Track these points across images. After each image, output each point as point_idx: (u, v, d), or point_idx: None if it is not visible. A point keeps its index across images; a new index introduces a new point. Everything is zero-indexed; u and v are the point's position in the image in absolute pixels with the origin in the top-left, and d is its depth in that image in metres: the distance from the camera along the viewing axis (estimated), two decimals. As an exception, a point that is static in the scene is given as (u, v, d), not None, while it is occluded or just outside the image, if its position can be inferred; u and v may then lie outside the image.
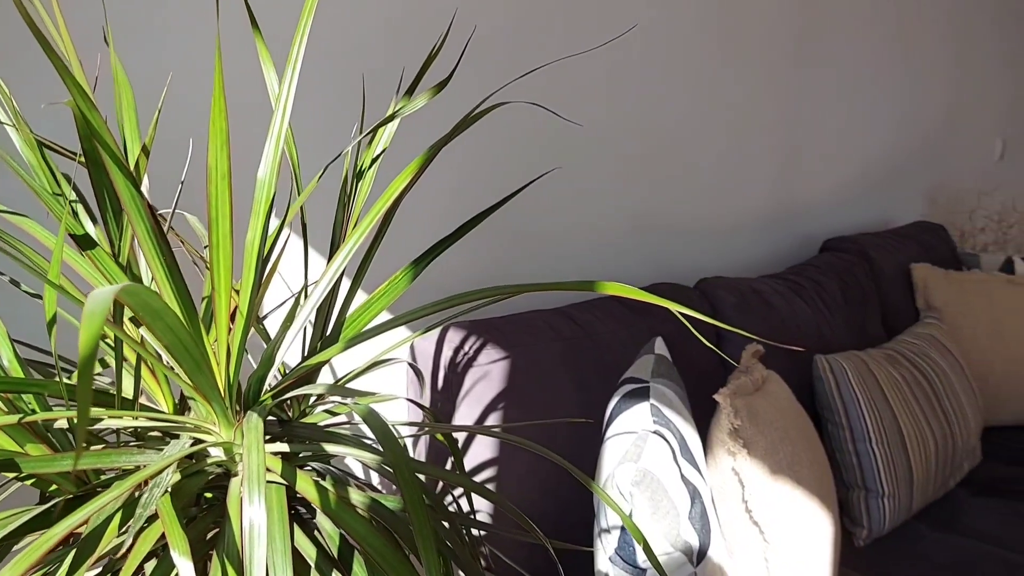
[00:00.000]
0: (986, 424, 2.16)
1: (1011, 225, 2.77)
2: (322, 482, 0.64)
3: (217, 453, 0.68)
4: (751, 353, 1.53)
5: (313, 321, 0.77)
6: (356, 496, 0.64)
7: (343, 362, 1.33)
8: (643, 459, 1.07)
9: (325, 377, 1.27)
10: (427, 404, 1.27)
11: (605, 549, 1.08)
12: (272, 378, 0.69)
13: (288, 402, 0.78)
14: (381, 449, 0.66)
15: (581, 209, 1.78)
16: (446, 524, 0.70)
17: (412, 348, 1.32)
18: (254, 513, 0.52)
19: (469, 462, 1.28)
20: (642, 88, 1.86)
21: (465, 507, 1.22)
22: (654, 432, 1.12)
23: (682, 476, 1.09)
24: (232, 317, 0.68)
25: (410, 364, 1.09)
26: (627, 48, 1.80)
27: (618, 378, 1.43)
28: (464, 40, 1.45)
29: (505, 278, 1.60)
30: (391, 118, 0.71)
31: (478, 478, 1.28)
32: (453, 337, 1.29)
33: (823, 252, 2.26)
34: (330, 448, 0.66)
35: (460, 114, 1.46)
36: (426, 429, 1.15)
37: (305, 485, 0.59)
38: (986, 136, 3.34)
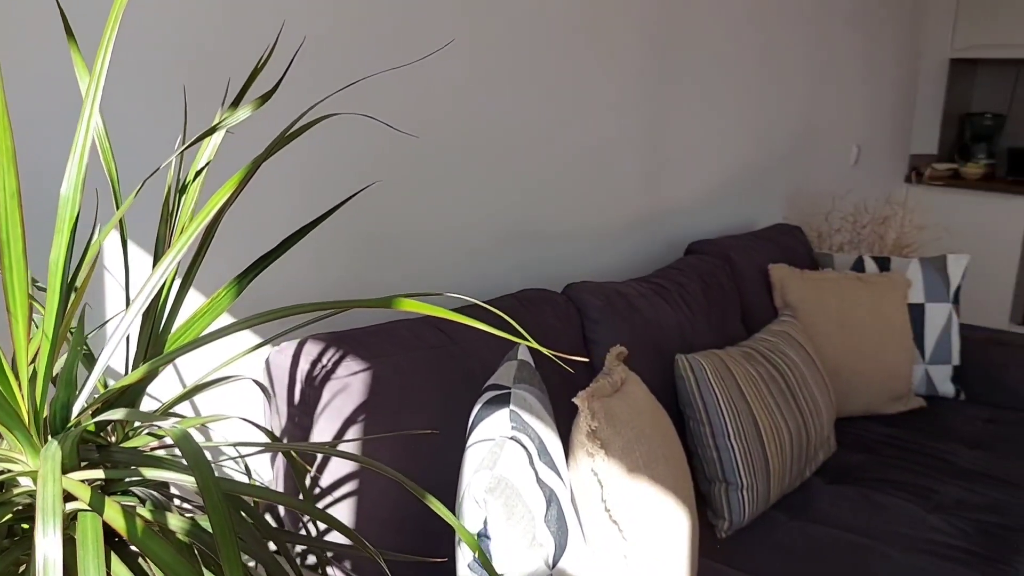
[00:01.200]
0: (840, 415, 2.28)
1: (864, 226, 2.94)
2: (139, 508, 0.62)
3: (27, 483, 0.65)
4: (615, 355, 1.57)
5: (138, 338, 0.75)
6: (174, 522, 0.62)
7: (195, 379, 1.29)
8: (498, 466, 1.08)
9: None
10: (283, 420, 1.25)
11: (464, 557, 1.09)
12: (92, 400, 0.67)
13: (113, 426, 0.75)
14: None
15: (447, 218, 1.79)
16: (272, 545, 0.68)
17: (268, 363, 1.29)
18: (48, 547, 0.50)
19: (331, 475, 1.26)
20: (507, 96, 1.89)
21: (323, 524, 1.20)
22: (511, 438, 1.13)
23: (538, 480, 1.11)
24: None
25: (255, 381, 1.07)
26: (490, 54, 1.82)
27: (483, 385, 1.44)
28: (295, 50, 1.43)
29: (367, 290, 1.59)
30: (212, 130, 0.69)
31: (341, 491, 1.27)
32: (311, 350, 1.27)
33: (688, 255, 2.34)
34: (149, 473, 0.64)
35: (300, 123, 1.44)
36: (260, 448, 1.12)
37: (113, 513, 0.57)
38: (843, 142, 3.54)
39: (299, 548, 1.16)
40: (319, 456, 1.23)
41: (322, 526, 1.23)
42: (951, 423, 2.26)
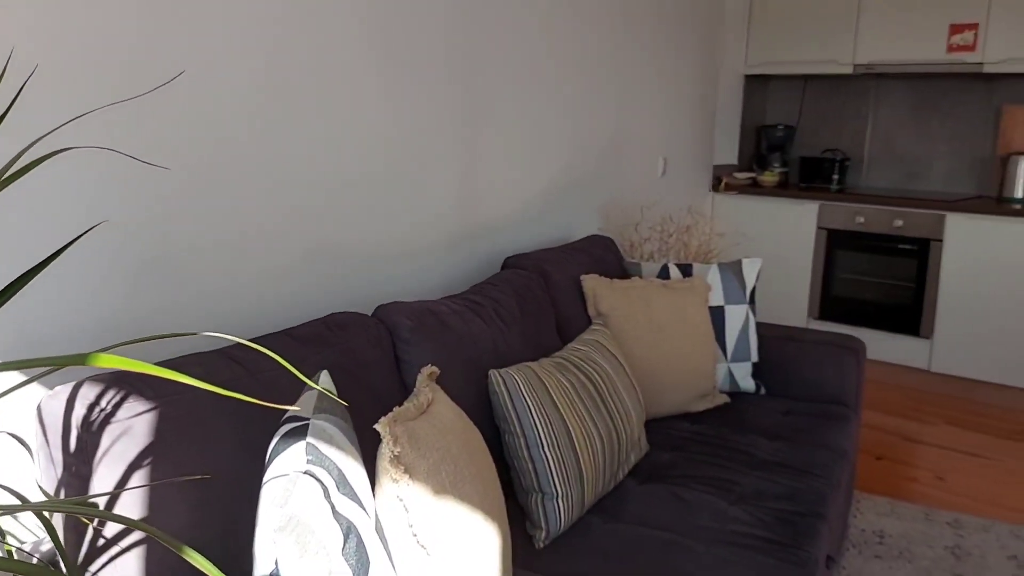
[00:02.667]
0: (651, 416, 2.38)
1: (670, 235, 3.10)
2: None
3: None
4: (426, 375, 1.57)
5: None
6: None
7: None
8: (290, 503, 1.04)
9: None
10: (58, 471, 1.15)
11: (259, 600, 1.04)
12: None
13: None
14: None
15: (248, 245, 1.73)
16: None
17: (39, 410, 1.19)
18: None
19: (115, 525, 1.18)
20: (306, 119, 1.85)
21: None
22: (305, 472, 1.10)
23: (335, 513, 1.08)
24: None
25: (9, 434, 0.98)
26: (288, 76, 1.78)
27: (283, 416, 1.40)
28: (25, 79, 1.34)
29: (153, 322, 1.50)
30: (-82, 169, 0.63)
31: (130, 540, 1.18)
32: (87, 393, 1.18)
33: (504, 269, 2.38)
34: None
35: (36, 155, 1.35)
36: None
37: None
38: (650, 155, 3.72)
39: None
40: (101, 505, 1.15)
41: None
42: (752, 417, 2.42)
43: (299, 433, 1.19)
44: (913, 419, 3.66)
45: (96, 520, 1.12)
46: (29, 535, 1.33)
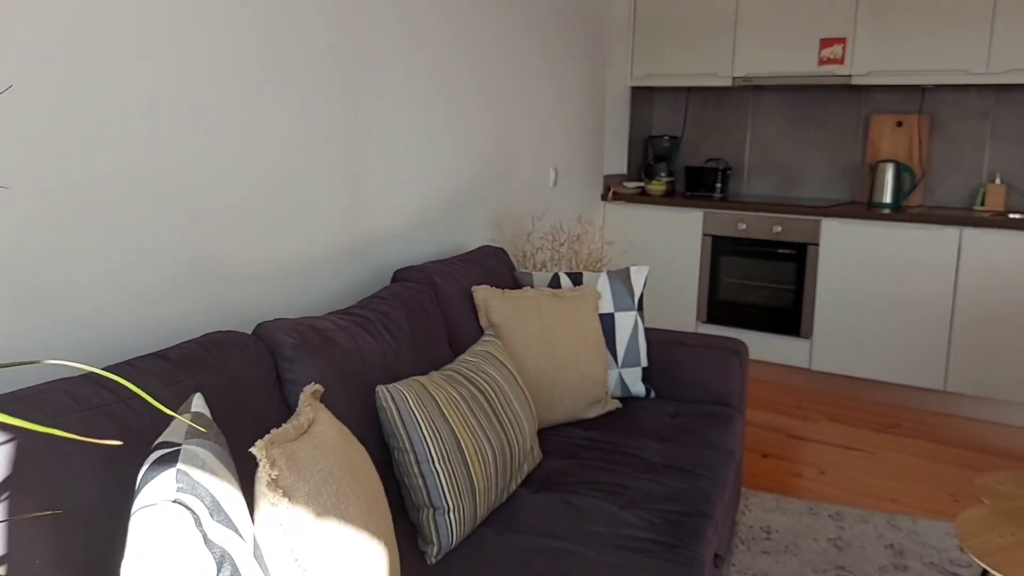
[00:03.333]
0: (545, 425, 2.40)
1: (562, 244, 3.14)
2: None
3: None
4: (309, 393, 1.53)
5: None
6: None
7: None
8: (156, 534, 1.00)
9: None
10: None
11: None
12: None
13: None
14: None
15: (119, 265, 1.65)
16: None
17: None
18: None
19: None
20: (179, 134, 1.78)
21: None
22: (175, 501, 1.05)
23: (207, 541, 1.04)
24: None
25: None
26: (160, 92, 1.71)
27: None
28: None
29: (14, 349, 1.42)
30: None
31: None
32: (-68, 428, 1.10)
33: (394, 282, 2.35)
34: None
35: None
36: None
37: None
38: (542, 165, 3.76)
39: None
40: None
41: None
42: (642, 421, 2.46)
43: (169, 460, 1.14)
44: (797, 416, 3.82)
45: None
46: None
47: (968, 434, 3.63)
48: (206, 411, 1.30)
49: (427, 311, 2.21)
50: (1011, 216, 3.73)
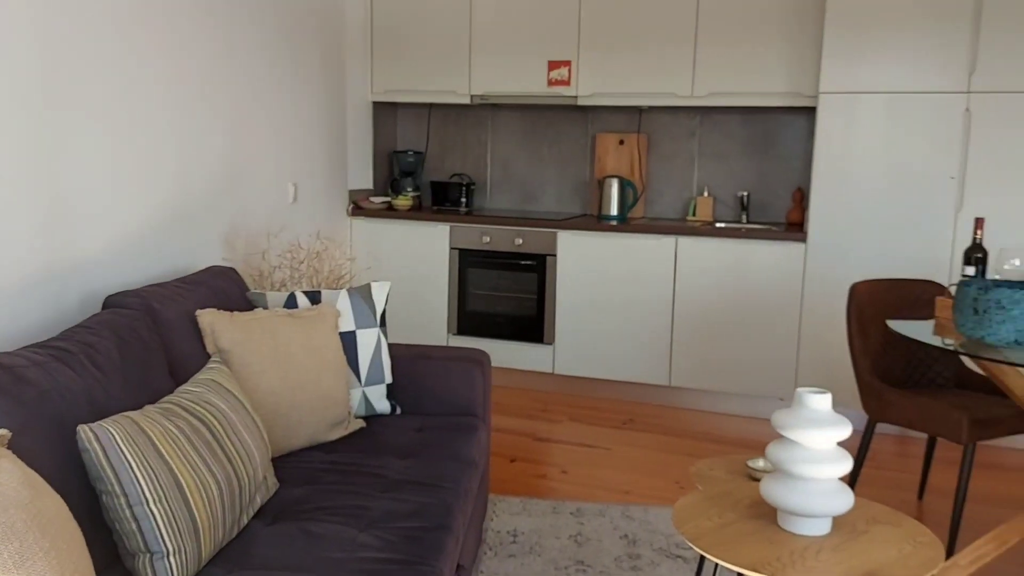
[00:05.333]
0: (283, 452, 2.30)
1: (301, 261, 3.04)
2: None
3: None
4: (-10, 441, 1.35)
5: None
6: None
7: None
8: None
9: None
10: None
11: None
12: None
13: None
14: None
15: None
16: None
17: None
18: None
19: None
20: None
21: None
22: None
23: None
24: None
25: None
26: None
27: None
28: None
29: None
30: None
31: None
32: None
33: (105, 310, 2.15)
34: None
35: None
36: None
37: None
38: (279, 181, 3.63)
39: None
40: None
41: None
42: (386, 438, 2.44)
43: None
44: (542, 420, 3.98)
45: None
46: None
47: (692, 425, 3.98)
48: None
49: (143, 340, 2.04)
50: (718, 225, 4.15)
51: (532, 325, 4.35)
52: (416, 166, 4.84)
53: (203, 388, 1.93)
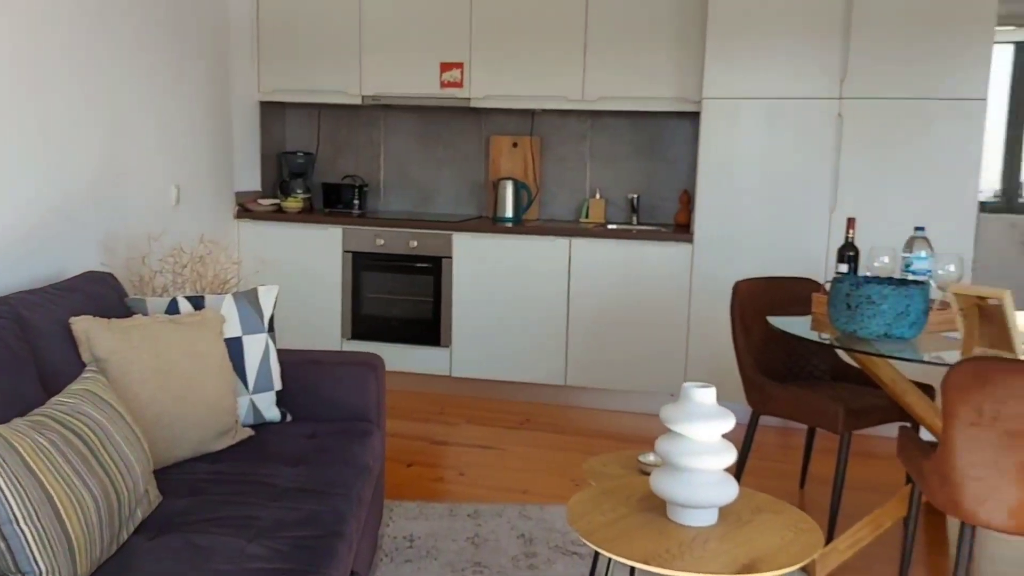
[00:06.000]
0: (166, 463, 2.21)
1: (184, 265, 2.93)
2: None
3: None
4: None
5: None
6: None
7: None
8: None
9: None
10: None
11: None
12: None
13: None
14: None
15: None
16: None
17: None
18: None
19: None
20: None
21: None
22: None
23: None
24: None
25: None
26: None
27: None
28: None
29: None
30: None
31: None
32: None
33: (-34, 319, 2.01)
34: None
35: None
36: None
37: None
38: (160, 183, 3.49)
39: None
40: None
41: None
42: (276, 446, 2.37)
43: None
44: (439, 423, 3.97)
45: None
46: None
47: (587, 423, 4.04)
48: None
49: (10, 349, 1.92)
50: (609, 227, 4.24)
51: (428, 328, 4.32)
52: (306, 167, 4.74)
53: (77, 399, 1.83)
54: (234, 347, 2.49)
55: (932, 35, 3.58)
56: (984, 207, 6.00)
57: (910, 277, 2.72)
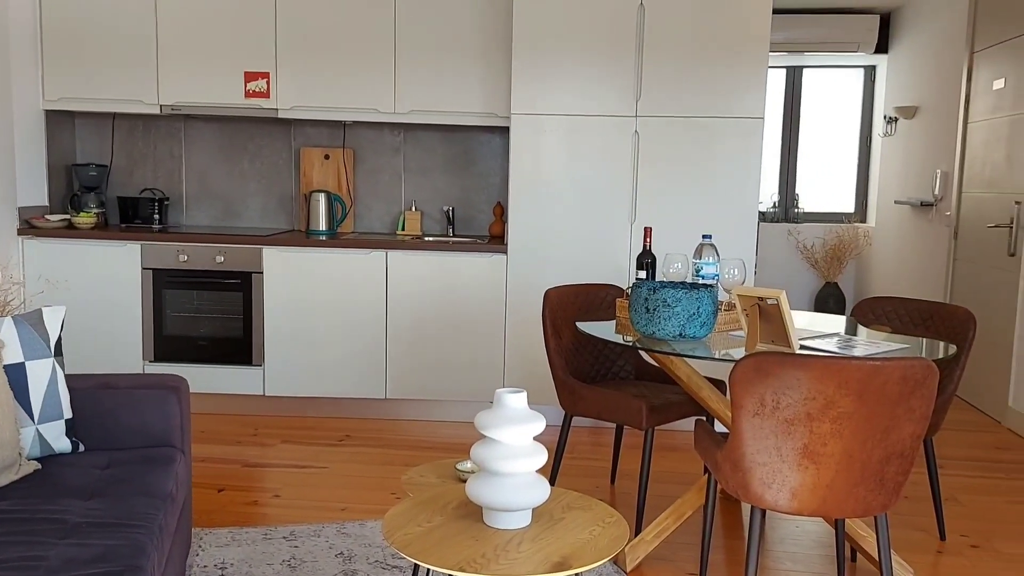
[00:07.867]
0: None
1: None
2: None
3: None
4: None
5: None
6: None
7: None
8: None
9: None
10: None
11: None
12: None
13: None
14: None
15: None
16: None
17: None
18: None
19: None
20: None
21: None
22: None
23: None
24: None
25: None
26: None
27: None
28: None
29: None
30: None
31: None
32: None
33: None
34: None
35: None
36: None
37: None
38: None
39: None
40: None
41: None
42: (67, 479, 2.20)
43: None
44: (253, 444, 3.82)
45: None
46: None
47: (409, 435, 4.03)
48: None
49: None
50: (426, 239, 4.26)
51: (239, 346, 4.16)
52: (100, 181, 4.43)
53: None
54: (16, 374, 2.29)
55: (715, 59, 3.89)
56: (764, 216, 6.60)
57: (700, 281, 2.93)
